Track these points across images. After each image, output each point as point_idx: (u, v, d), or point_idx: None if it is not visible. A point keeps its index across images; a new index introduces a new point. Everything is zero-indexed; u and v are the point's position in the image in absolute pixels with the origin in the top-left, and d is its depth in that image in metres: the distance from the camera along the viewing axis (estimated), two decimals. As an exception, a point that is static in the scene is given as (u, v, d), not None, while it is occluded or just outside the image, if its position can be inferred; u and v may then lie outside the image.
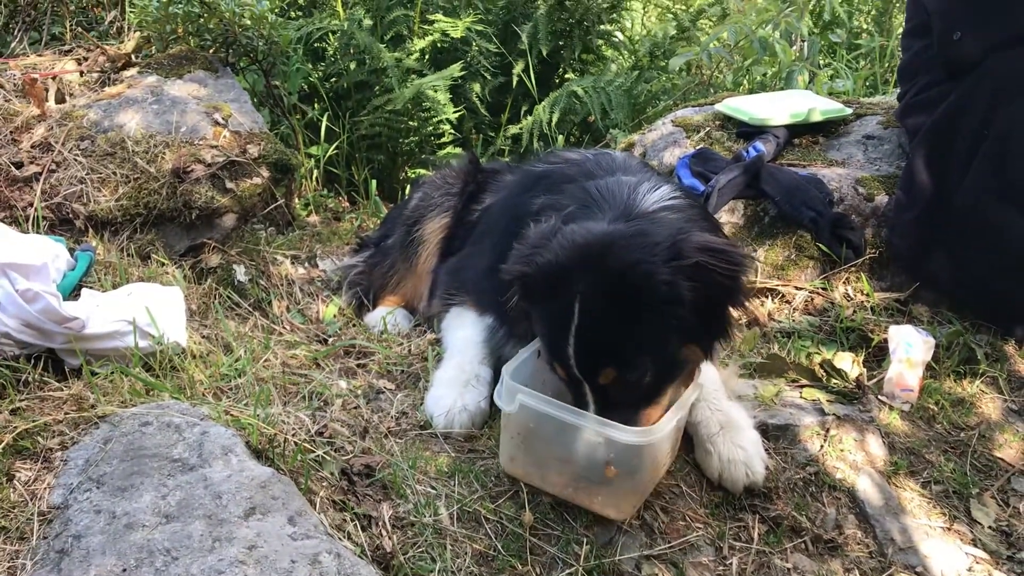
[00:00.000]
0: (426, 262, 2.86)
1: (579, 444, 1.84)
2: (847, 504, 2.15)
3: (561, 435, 1.85)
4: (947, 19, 2.79)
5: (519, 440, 1.93)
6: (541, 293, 1.90)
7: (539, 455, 1.93)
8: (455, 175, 2.96)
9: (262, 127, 3.45)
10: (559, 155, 2.55)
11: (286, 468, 1.81)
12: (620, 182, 2.14)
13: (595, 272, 1.82)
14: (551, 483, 1.94)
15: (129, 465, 1.70)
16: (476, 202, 2.85)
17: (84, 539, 1.54)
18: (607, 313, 1.81)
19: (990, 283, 2.71)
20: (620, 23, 5.27)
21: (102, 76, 3.50)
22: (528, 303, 1.96)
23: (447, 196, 2.90)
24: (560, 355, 1.85)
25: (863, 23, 5.93)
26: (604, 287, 1.81)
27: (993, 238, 2.67)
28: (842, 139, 3.36)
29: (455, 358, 2.31)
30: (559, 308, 1.82)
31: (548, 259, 1.87)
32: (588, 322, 1.79)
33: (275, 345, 2.48)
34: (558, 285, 1.84)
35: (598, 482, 1.88)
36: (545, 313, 1.92)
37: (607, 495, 1.90)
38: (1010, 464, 2.34)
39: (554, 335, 1.86)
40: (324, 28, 4.40)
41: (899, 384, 2.42)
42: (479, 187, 2.88)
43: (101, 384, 2.03)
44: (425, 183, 3.07)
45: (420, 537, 1.80)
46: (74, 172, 2.95)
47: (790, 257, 2.91)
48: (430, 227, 2.88)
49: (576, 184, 2.22)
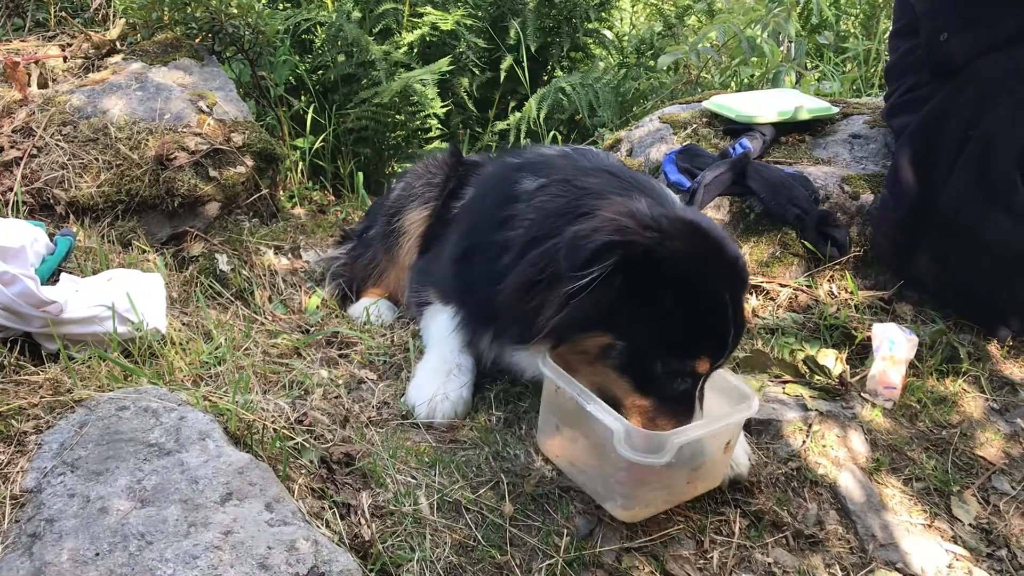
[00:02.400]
0: (408, 253, 2.83)
1: (714, 442, 1.85)
2: (829, 500, 2.14)
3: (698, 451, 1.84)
4: (934, 20, 2.79)
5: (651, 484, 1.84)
6: (668, 282, 1.73)
7: (677, 477, 1.87)
8: (437, 166, 2.93)
9: (247, 116, 3.43)
10: (534, 149, 2.53)
11: (264, 455, 1.79)
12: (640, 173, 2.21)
13: (725, 263, 1.83)
14: (676, 497, 1.93)
15: (105, 449, 1.68)
16: (457, 197, 2.83)
17: (57, 523, 1.52)
18: (740, 301, 1.85)
19: (973, 284, 2.72)
20: (609, 21, 5.27)
21: (86, 62, 3.47)
22: (635, 292, 1.74)
23: (428, 187, 2.87)
24: (715, 349, 1.79)
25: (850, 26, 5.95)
26: (733, 275, 1.84)
27: (976, 239, 2.68)
28: (828, 138, 3.37)
29: (435, 349, 2.29)
30: (707, 301, 1.77)
31: (684, 247, 1.76)
32: (736, 313, 1.80)
33: (256, 334, 2.46)
34: (701, 277, 1.77)
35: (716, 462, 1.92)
36: (679, 306, 1.75)
37: (716, 470, 1.95)
38: (991, 462, 2.34)
39: (708, 330, 1.78)
40: (312, 19, 4.38)
41: (882, 381, 2.42)
42: (460, 180, 2.86)
43: (78, 369, 2.00)
44: (407, 173, 3.04)
45: (399, 526, 1.78)
46: (56, 157, 2.92)
47: (775, 254, 2.91)
48: (411, 218, 2.85)
49: (580, 167, 2.18)
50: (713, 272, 1.79)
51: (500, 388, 2.27)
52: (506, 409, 2.21)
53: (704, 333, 1.79)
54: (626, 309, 1.75)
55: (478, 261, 2.14)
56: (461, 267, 2.26)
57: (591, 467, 1.89)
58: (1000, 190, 2.63)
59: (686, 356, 1.79)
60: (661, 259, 1.72)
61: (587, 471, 1.91)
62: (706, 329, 1.79)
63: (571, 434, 1.91)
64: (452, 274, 2.30)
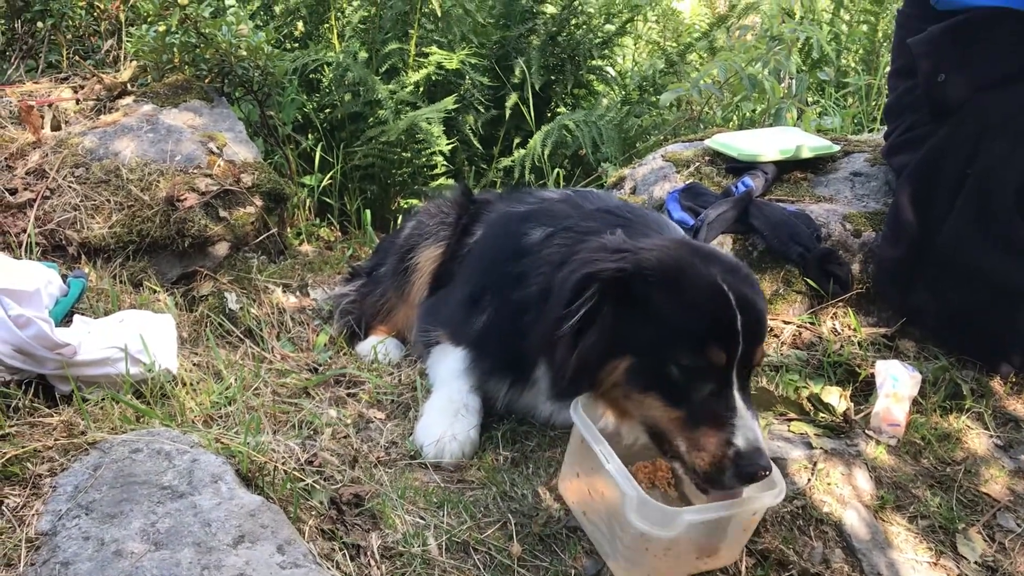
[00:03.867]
0: (419, 291, 2.86)
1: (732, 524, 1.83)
2: (834, 538, 2.15)
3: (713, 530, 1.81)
4: (932, 61, 2.83)
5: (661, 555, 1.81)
6: (657, 291, 1.81)
7: (685, 549, 1.84)
8: (450, 205, 2.97)
9: (256, 156, 3.48)
10: (535, 195, 2.55)
11: (275, 497, 1.82)
12: (645, 210, 2.27)
13: (720, 264, 1.85)
14: (684, 570, 1.89)
15: (118, 492, 1.70)
16: (469, 234, 2.87)
17: (72, 566, 1.54)
18: (750, 291, 1.84)
19: (974, 320, 2.74)
20: (611, 58, 5.34)
21: (98, 104, 3.53)
22: (628, 315, 1.82)
23: (442, 226, 2.91)
24: (723, 335, 1.77)
25: (851, 61, 6.01)
26: (734, 273, 1.86)
27: (975, 275, 2.71)
28: (830, 175, 3.40)
29: (443, 389, 2.31)
30: (700, 292, 1.80)
31: (658, 255, 1.85)
32: (742, 298, 1.79)
33: (266, 373, 2.48)
34: (685, 275, 1.82)
35: (731, 542, 1.88)
36: (675, 307, 1.81)
37: (732, 552, 1.91)
38: (996, 499, 2.35)
39: (708, 318, 1.79)
40: (319, 60, 4.44)
41: (886, 419, 2.44)
42: (472, 218, 2.90)
43: (91, 411, 2.03)
44: (419, 212, 3.08)
45: (409, 567, 1.80)
46: (68, 199, 2.97)
47: (778, 291, 2.94)
48: (424, 256, 2.88)
49: (583, 212, 2.22)
50: (700, 269, 1.82)
51: (507, 427, 2.30)
52: (513, 448, 2.23)
53: (704, 322, 1.80)
54: (625, 328, 1.83)
55: (495, 315, 2.19)
56: (473, 314, 2.28)
57: (602, 522, 1.87)
58: (999, 225, 2.66)
59: (694, 350, 1.79)
60: (634, 274, 1.81)
61: (599, 525, 1.90)
62: (705, 318, 1.80)
63: (589, 485, 1.90)
64: (463, 319, 2.32)
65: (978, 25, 2.71)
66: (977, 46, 2.75)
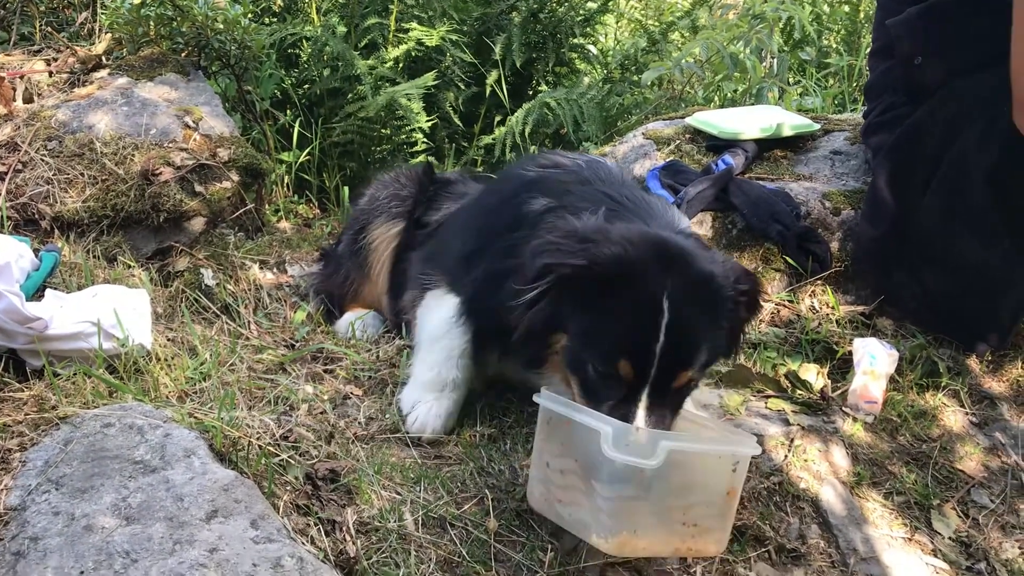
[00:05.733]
0: (380, 271, 2.82)
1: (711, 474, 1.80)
2: (810, 514, 2.16)
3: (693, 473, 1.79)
4: (909, 44, 2.82)
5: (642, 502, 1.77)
6: (605, 287, 1.78)
7: (667, 507, 1.80)
8: (408, 179, 2.92)
9: (233, 131, 3.43)
10: (549, 158, 2.46)
11: (250, 472, 1.80)
12: (645, 195, 2.17)
13: (680, 274, 1.79)
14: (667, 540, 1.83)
15: (90, 467, 1.68)
16: (432, 211, 2.82)
17: (42, 541, 1.52)
18: (694, 315, 1.79)
19: (950, 302, 2.75)
20: (593, 36, 5.30)
21: (72, 77, 3.47)
22: (574, 302, 1.82)
23: (395, 200, 2.85)
24: (638, 352, 1.74)
25: (832, 42, 6.01)
26: (690, 289, 1.79)
27: (951, 258, 2.71)
28: (810, 154, 3.40)
29: (431, 355, 2.24)
30: (636, 304, 1.76)
31: (616, 252, 1.79)
32: (677, 321, 1.73)
33: (242, 349, 2.46)
34: (634, 280, 1.77)
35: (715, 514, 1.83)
36: (609, 311, 1.79)
37: (715, 527, 1.84)
38: (970, 476, 2.37)
39: (630, 331, 1.77)
40: (298, 34, 4.38)
41: (863, 396, 2.45)
42: (432, 197, 2.85)
43: (63, 385, 2.00)
44: (372, 184, 3.01)
45: (384, 543, 1.79)
46: (41, 172, 2.92)
47: (757, 269, 2.94)
48: (378, 233, 2.83)
49: (584, 188, 2.18)
50: (650, 278, 1.77)
51: (485, 403, 2.29)
52: (491, 424, 2.23)
53: (626, 337, 1.78)
54: (568, 312, 1.84)
55: (488, 279, 2.12)
56: (470, 270, 2.23)
57: (578, 497, 1.82)
58: (972, 212, 2.65)
59: (607, 359, 1.79)
60: (587, 270, 1.78)
61: (574, 504, 1.83)
62: (628, 334, 1.77)
63: (560, 466, 1.85)
64: (462, 271, 2.26)
65: (953, 9, 2.69)
66: (952, 30, 2.73)
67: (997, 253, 2.65)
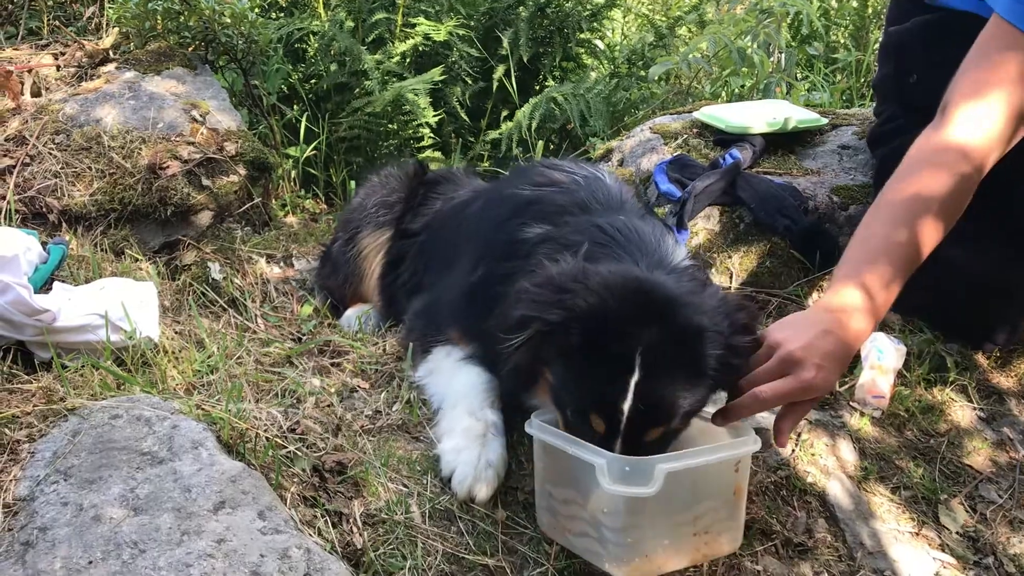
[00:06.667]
0: (370, 279, 2.84)
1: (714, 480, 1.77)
2: (818, 508, 2.16)
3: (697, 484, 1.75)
4: (905, 59, 2.77)
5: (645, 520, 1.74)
6: (580, 342, 1.72)
7: (676, 522, 1.78)
8: (397, 182, 2.90)
9: (240, 125, 3.44)
10: (546, 175, 2.34)
11: (257, 464, 1.80)
12: (639, 225, 2.04)
13: (658, 327, 1.70)
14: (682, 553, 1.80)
15: (97, 458, 1.68)
16: (420, 217, 2.80)
17: (50, 531, 1.53)
18: (669, 371, 1.71)
19: (951, 306, 2.72)
20: (600, 31, 5.29)
21: (79, 71, 3.48)
22: (553, 351, 1.78)
23: (384, 209, 2.84)
24: (606, 408, 1.70)
25: (840, 37, 5.99)
26: (668, 344, 1.70)
27: (942, 271, 2.67)
28: (818, 148, 3.39)
29: (461, 404, 2.08)
30: (609, 360, 1.70)
31: (593, 304, 1.72)
32: (649, 378, 1.67)
33: (249, 343, 2.46)
34: (608, 335, 1.71)
35: (725, 516, 1.82)
36: (584, 364, 1.74)
37: (727, 528, 1.83)
38: (978, 471, 2.36)
39: (600, 387, 1.71)
40: (305, 29, 4.39)
41: (871, 391, 2.44)
42: (420, 202, 2.83)
43: (71, 377, 2.01)
44: (363, 186, 3.00)
45: (391, 534, 1.79)
46: (49, 166, 2.93)
47: (764, 264, 2.94)
48: (367, 242, 2.83)
49: (578, 217, 2.10)
50: (625, 333, 1.70)
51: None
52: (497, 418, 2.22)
53: (596, 392, 1.73)
54: (548, 356, 1.79)
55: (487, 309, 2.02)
56: (473, 310, 2.14)
57: (584, 527, 1.79)
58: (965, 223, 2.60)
59: (578, 410, 1.76)
60: (566, 324, 1.73)
61: (582, 533, 1.80)
62: (597, 387, 1.72)
63: (563, 496, 1.83)
64: (466, 313, 2.18)
65: (949, 27, 2.58)
66: (946, 49, 2.64)
67: (990, 259, 2.62)
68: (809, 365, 1.77)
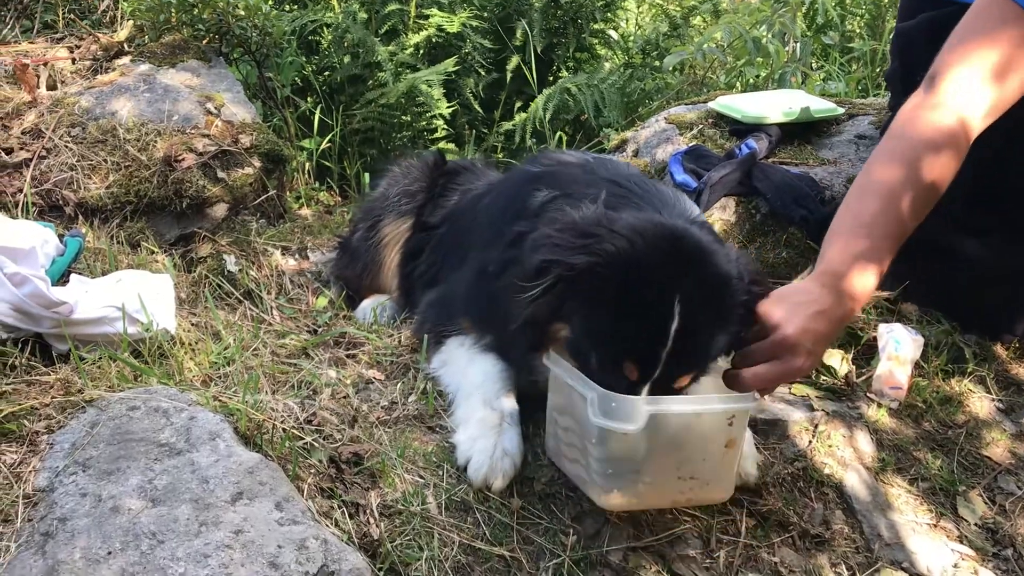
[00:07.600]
0: (390, 268, 2.83)
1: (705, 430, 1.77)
2: (835, 500, 2.15)
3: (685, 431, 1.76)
4: (912, 55, 2.74)
5: (626, 455, 1.75)
6: (612, 284, 1.70)
7: (660, 464, 1.79)
8: (419, 171, 2.90)
9: (255, 117, 3.44)
10: (554, 157, 2.39)
11: (274, 455, 1.81)
12: (656, 183, 2.06)
13: (693, 274, 1.71)
14: (664, 493, 1.85)
15: (116, 449, 1.69)
16: (439, 208, 2.79)
17: (69, 522, 1.54)
18: (706, 320, 1.72)
19: (963, 302, 2.69)
20: (614, 21, 5.28)
21: (94, 64, 3.49)
22: (577, 299, 1.75)
23: (404, 196, 2.84)
24: (643, 355, 1.69)
25: (856, 27, 5.94)
26: (705, 292, 1.71)
27: (953, 262, 2.65)
28: (834, 138, 3.37)
29: (476, 393, 2.05)
30: (645, 305, 1.68)
31: (623, 248, 1.70)
32: (688, 326, 1.66)
33: (264, 334, 2.47)
34: (644, 279, 1.69)
35: (716, 465, 1.83)
36: (615, 310, 1.71)
37: (717, 478, 1.84)
38: (997, 462, 2.35)
39: (635, 333, 1.70)
40: (318, 21, 4.40)
41: (888, 382, 2.43)
42: (440, 193, 2.83)
43: (89, 369, 2.01)
44: (385, 176, 3.01)
45: (407, 525, 1.79)
46: (64, 159, 2.94)
47: (781, 254, 2.92)
48: (388, 230, 2.83)
49: (592, 176, 2.12)
50: (660, 276, 1.70)
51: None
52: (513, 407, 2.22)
53: (632, 340, 1.72)
54: (571, 306, 1.77)
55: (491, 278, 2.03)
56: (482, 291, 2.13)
57: (577, 454, 1.83)
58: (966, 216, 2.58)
59: (611, 359, 1.74)
60: (593, 268, 1.71)
61: (575, 460, 1.84)
62: (635, 336, 1.71)
63: (564, 423, 1.86)
64: (482, 297, 2.14)
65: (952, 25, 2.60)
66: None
67: (1006, 250, 2.60)
68: (801, 352, 1.79)
